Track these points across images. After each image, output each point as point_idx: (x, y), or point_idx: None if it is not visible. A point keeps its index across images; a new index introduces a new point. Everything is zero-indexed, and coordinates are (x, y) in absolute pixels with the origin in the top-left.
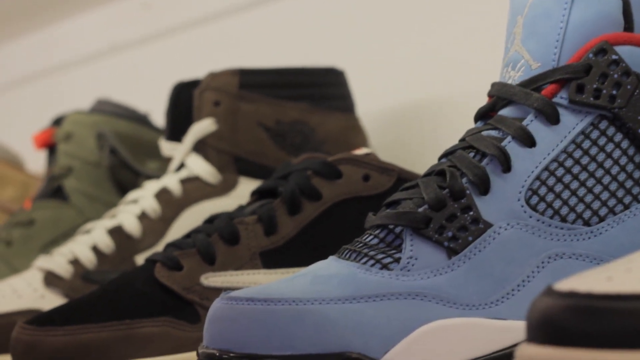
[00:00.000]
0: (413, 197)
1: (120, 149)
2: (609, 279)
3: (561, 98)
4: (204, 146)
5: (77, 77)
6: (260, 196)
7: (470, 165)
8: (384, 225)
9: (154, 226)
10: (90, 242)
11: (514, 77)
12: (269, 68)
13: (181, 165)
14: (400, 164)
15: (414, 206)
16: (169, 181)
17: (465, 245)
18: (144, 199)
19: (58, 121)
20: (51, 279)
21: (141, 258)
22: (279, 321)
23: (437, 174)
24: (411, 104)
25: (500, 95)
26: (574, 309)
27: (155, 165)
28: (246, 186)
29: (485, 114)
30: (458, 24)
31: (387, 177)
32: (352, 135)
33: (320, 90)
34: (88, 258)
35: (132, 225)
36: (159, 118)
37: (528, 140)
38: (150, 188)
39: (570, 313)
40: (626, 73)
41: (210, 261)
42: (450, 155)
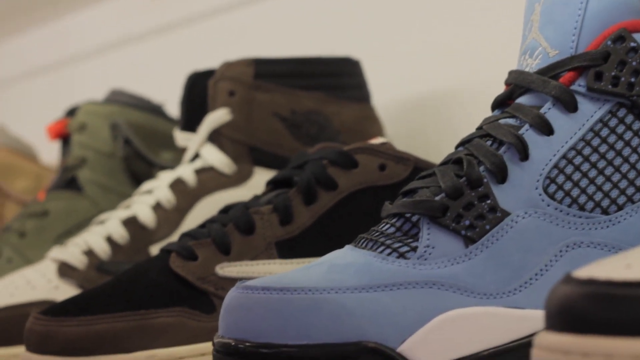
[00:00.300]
0: (430, 186)
1: (134, 140)
2: (628, 267)
3: (579, 86)
4: (218, 136)
5: (91, 68)
6: (275, 186)
7: (488, 154)
8: (401, 214)
9: (169, 217)
10: (105, 233)
11: (531, 65)
12: (285, 58)
13: (196, 156)
14: (416, 154)
15: (431, 195)
16: (184, 171)
17: (483, 233)
18: (158, 189)
19: (72, 112)
20: (65, 270)
21: (156, 249)
22: (295, 310)
23: (454, 162)
24: (427, 94)
25: (517, 83)
26: (593, 297)
27: (170, 155)
28: (261, 176)
29: (503, 102)
30: (474, 12)
31: (404, 167)
32: (368, 125)
33: (335, 80)
34: (102, 249)
35: (147, 216)
36: (173, 108)
37: (546, 129)
38: (164, 178)
39: (589, 300)
40: None
41: (225, 251)
42: (468, 143)
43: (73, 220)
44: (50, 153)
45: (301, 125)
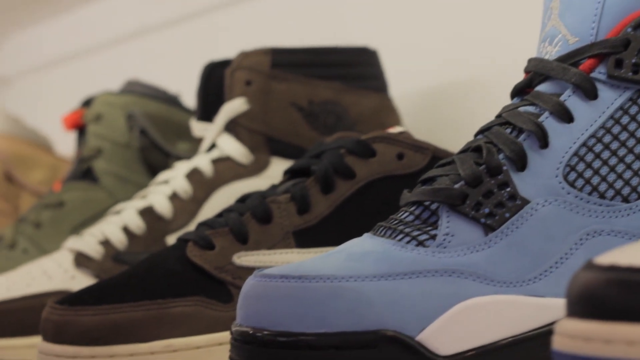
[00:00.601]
0: (449, 174)
1: (150, 130)
2: None
3: (599, 73)
4: (235, 126)
5: (107, 59)
6: (292, 175)
7: (507, 141)
8: (420, 202)
9: (185, 207)
10: (121, 223)
11: (551, 53)
12: (302, 47)
13: (212, 146)
14: (435, 143)
15: (450, 182)
16: (200, 161)
17: (503, 221)
18: (175, 179)
19: (88, 102)
20: (81, 260)
21: (172, 239)
22: (313, 298)
23: (474, 150)
24: (445, 83)
25: (537, 70)
26: (615, 283)
27: (186, 146)
28: (278, 166)
29: (522, 90)
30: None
31: (422, 156)
32: (385, 115)
33: (353, 70)
34: (119, 239)
35: (163, 206)
36: (189, 99)
37: (566, 116)
38: (181, 168)
39: (611, 287)
40: None
41: (242, 240)
42: (487, 131)
43: (89, 211)
44: (66, 144)
45: (318, 115)
